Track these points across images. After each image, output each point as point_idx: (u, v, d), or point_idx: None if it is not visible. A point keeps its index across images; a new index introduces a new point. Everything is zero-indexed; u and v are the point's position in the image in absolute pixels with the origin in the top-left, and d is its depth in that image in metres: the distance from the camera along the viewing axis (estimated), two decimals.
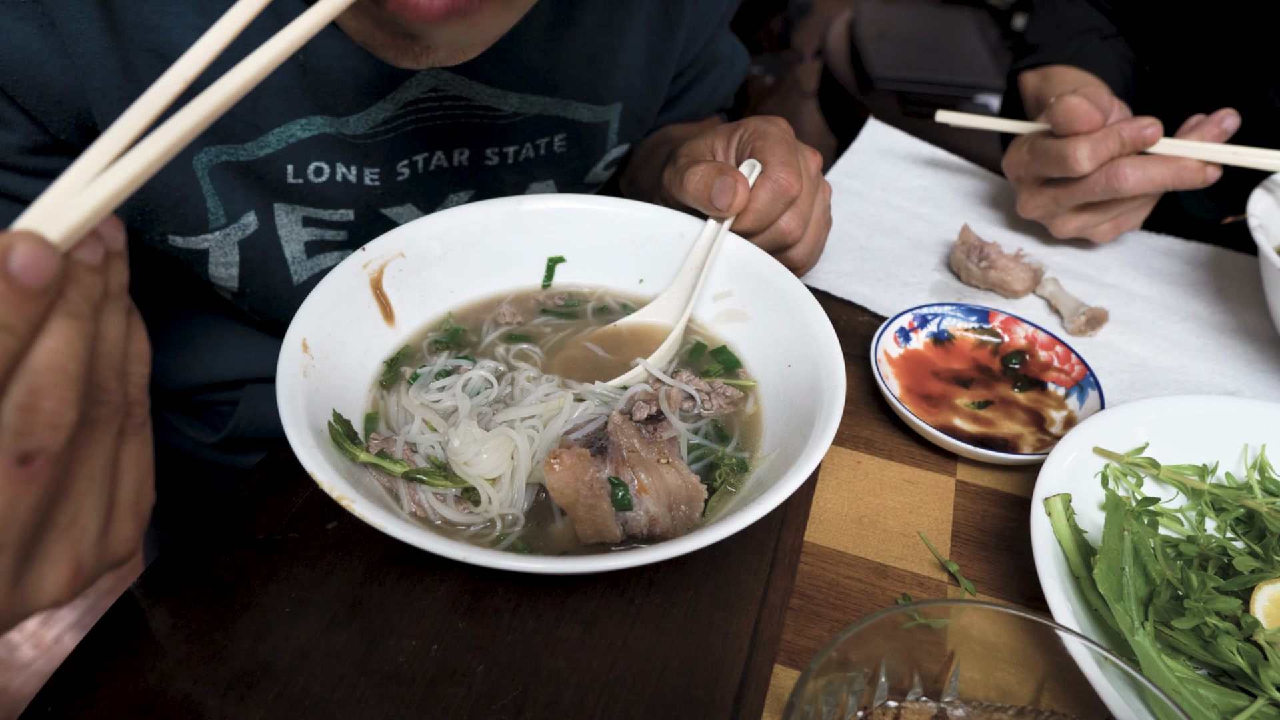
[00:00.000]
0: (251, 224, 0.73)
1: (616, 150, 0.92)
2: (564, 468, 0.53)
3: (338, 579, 0.56)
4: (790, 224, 0.72)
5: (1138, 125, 0.84)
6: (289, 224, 0.75)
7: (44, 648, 1.83)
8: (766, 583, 0.58)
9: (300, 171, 0.72)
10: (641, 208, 0.75)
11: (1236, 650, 0.51)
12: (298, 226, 0.76)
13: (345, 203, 0.76)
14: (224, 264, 0.75)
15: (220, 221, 0.71)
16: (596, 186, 0.97)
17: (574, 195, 0.76)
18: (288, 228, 0.75)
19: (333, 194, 0.75)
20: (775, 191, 0.70)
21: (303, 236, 0.77)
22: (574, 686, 0.51)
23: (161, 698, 0.49)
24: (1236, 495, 0.62)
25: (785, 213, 0.72)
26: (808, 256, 0.76)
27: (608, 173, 0.95)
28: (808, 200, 0.73)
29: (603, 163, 0.92)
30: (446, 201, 0.82)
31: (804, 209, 0.73)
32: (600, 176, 0.95)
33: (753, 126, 0.75)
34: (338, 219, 0.77)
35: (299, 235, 0.77)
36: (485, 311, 0.73)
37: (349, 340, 0.64)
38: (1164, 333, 0.86)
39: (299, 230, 0.76)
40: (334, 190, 0.74)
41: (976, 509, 0.65)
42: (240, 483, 0.62)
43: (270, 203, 0.73)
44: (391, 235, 0.68)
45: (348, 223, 0.78)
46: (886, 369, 0.74)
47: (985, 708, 0.45)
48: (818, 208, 0.75)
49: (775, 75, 3.66)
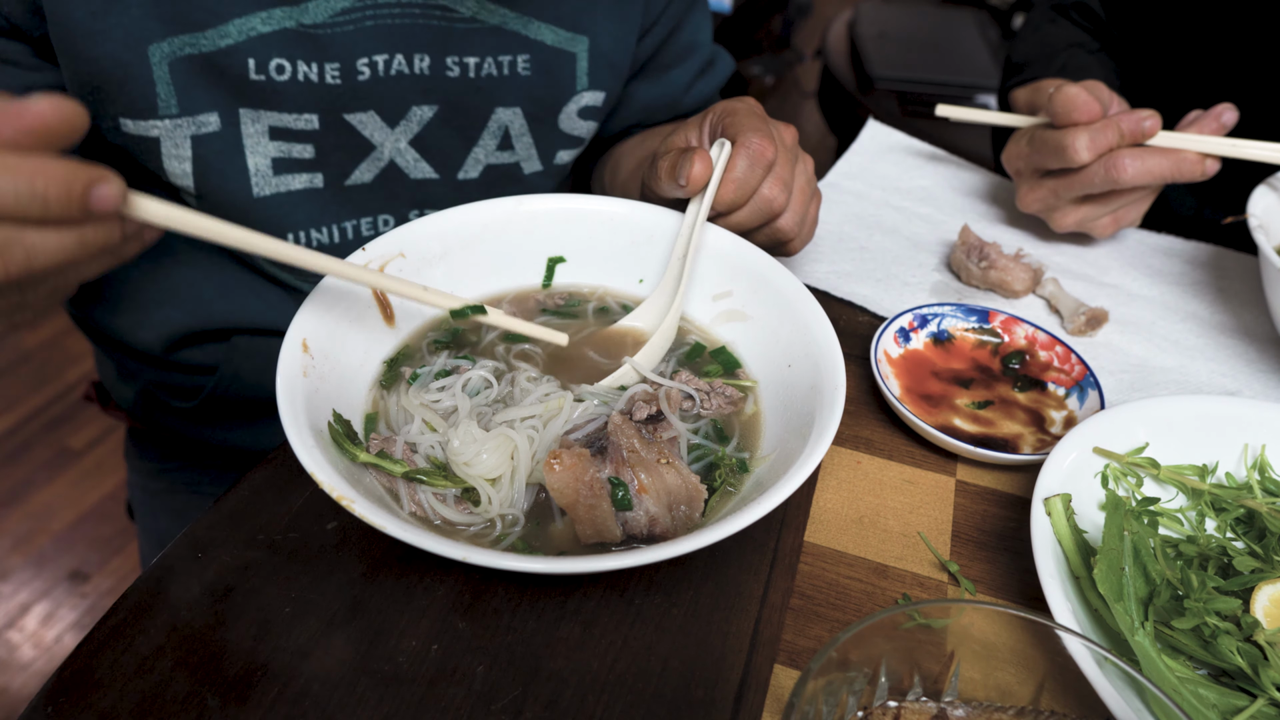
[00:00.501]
0: (212, 124, 0.75)
1: (590, 96, 0.91)
2: (564, 468, 0.53)
3: (338, 579, 0.56)
4: (772, 190, 0.70)
5: (1136, 117, 0.84)
6: (255, 134, 0.77)
7: (44, 648, 1.83)
8: (766, 583, 0.58)
9: (262, 67, 0.73)
10: (641, 208, 0.75)
11: (1236, 650, 0.51)
12: (264, 139, 0.77)
13: (308, 106, 0.77)
14: (177, 157, 0.76)
15: (171, 110, 0.73)
16: (576, 147, 0.95)
17: (574, 195, 0.76)
18: (254, 138, 0.77)
19: (295, 95, 0.76)
20: (751, 157, 0.69)
21: (269, 151, 0.78)
22: (574, 686, 0.51)
23: (161, 698, 0.49)
24: (1236, 495, 0.62)
25: (766, 179, 0.70)
26: (798, 225, 0.74)
27: (585, 126, 0.94)
28: (786, 165, 0.71)
29: (575, 105, 0.91)
30: (410, 115, 0.82)
31: (784, 174, 0.71)
32: (577, 129, 0.93)
33: (720, 108, 0.74)
34: (302, 126, 0.78)
35: (265, 149, 0.78)
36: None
37: (349, 340, 0.64)
38: (1164, 333, 0.86)
39: (265, 143, 0.78)
40: (296, 91, 0.76)
41: (976, 509, 0.65)
42: (240, 483, 0.62)
43: (235, 106, 0.75)
44: (391, 235, 0.68)
45: (313, 132, 0.79)
46: (886, 369, 0.74)
47: (985, 708, 0.45)
48: (800, 177, 0.73)
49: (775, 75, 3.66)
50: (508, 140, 0.90)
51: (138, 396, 1.02)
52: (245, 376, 0.93)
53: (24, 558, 1.99)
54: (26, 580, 1.95)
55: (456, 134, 0.86)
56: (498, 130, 0.88)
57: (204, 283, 0.89)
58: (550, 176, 0.96)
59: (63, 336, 2.55)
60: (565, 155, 0.95)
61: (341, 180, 0.83)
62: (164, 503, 1.06)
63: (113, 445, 2.27)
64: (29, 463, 2.20)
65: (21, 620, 1.88)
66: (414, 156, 0.86)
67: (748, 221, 0.72)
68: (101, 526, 2.07)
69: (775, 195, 0.70)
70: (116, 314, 0.92)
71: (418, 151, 0.85)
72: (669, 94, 1.03)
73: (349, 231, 0.87)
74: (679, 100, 1.04)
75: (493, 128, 0.88)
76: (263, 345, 0.92)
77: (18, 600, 1.91)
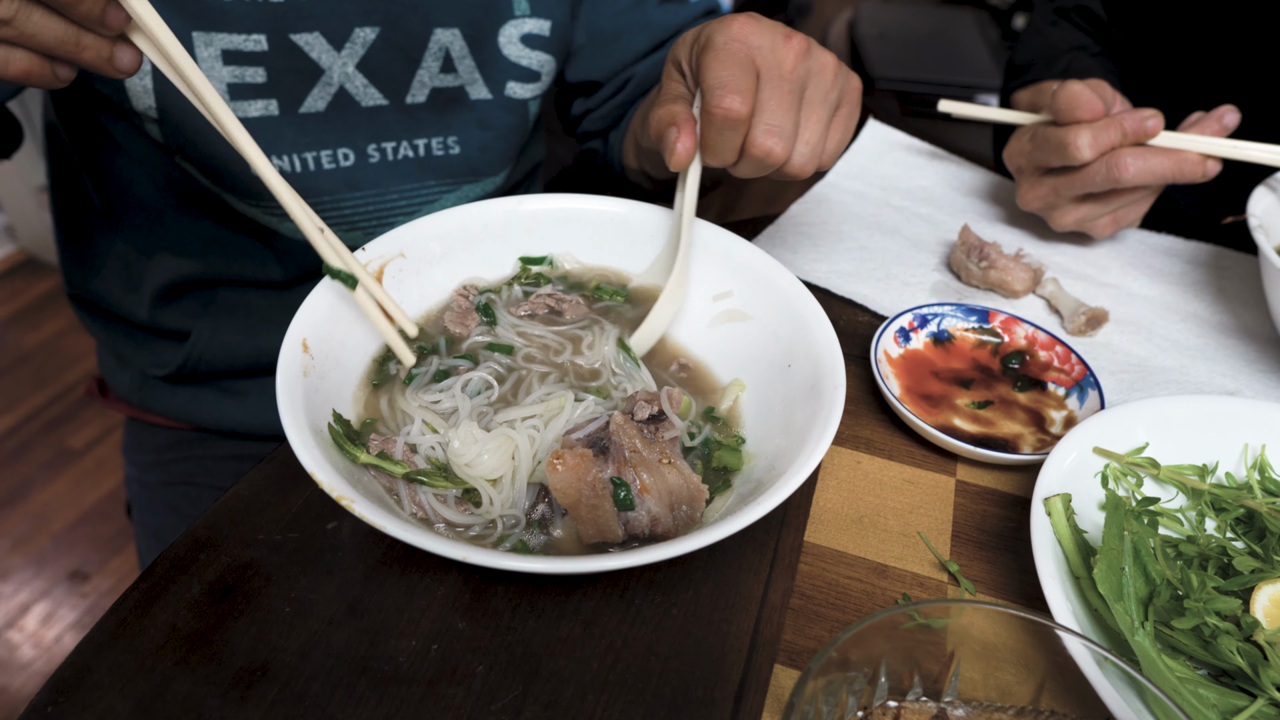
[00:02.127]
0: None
1: (534, 24, 0.91)
2: (567, 468, 0.53)
3: (338, 579, 0.56)
4: (764, 144, 0.61)
5: (1139, 116, 0.84)
6: (209, 58, 0.79)
7: (44, 648, 1.83)
8: (766, 583, 0.58)
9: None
10: (641, 207, 0.75)
11: (1236, 650, 0.51)
12: (218, 63, 0.79)
13: (256, 26, 0.79)
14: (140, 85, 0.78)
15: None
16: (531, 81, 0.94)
17: (574, 195, 0.76)
18: (208, 62, 0.79)
19: (242, 14, 0.78)
20: (716, 124, 0.60)
21: (224, 76, 0.80)
22: (574, 686, 0.51)
23: (161, 698, 0.49)
24: (1236, 495, 0.62)
25: (753, 132, 0.61)
26: (813, 161, 0.64)
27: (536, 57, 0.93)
28: (779, 110, 0.61)
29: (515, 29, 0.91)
30: (354, 37, 0.84)
31: (776, 119, 0.61)
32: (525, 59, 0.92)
33: (703, 38, 0.64)
34: (252, 48, 0.80)
35: (220, 73, 0.80)
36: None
37: (349, 340, 0.64)
38: (1164, 333, 0.86)
39: (219, 68, 0.79)
40: (242, 10, 0.78)
41: (976, 509, 0.65)
42: (240, 483, 0.62)
43: (189, 30, 0.77)
44: (391, 235, 0.68)
45: (263, 54, 0.80)
46: (886, 369, 0.74)
47: (985, 708, 0.45)
48: (810, 105, 0.63)
49: None
50: (450, 63, 0.90)
51: (133, 382, 1.06)
52: (222, 335, 0.98)
53: (24, 558, 1.99)
54: (26, 580, 1.95)
55: (399, 55, 0.87)
56: (439, 52, 0.89)
57: (187, 238, 0.95)
58: (508, 110, 0.95)
59: (63, 336, 2.55)
60: (520, 89, 0.94)
61: (295, 108, 0.85)
62: (161, 496, 1.07)
63: (112, 445, 2.27)
64: (29, 463, 2.20)
65: (21, 620, 1.88)
66: (362, 82, 0.87)
67: (752, 173, 0.64)
68: (101, 526, 2.07)
69: (769, 148, 0.61)
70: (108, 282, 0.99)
71: (365, 77, 0.87)
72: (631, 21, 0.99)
73: (310, 163, 0.88)
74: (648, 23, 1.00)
75: (434, 49, 0.88)
76: (242, 298, 0.98)
77: (18, 600, 1.91)
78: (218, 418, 1.05)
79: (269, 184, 0.58)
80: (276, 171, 0.58)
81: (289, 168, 0.87)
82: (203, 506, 0.69)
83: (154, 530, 1.07)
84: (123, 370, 1.07)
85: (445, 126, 0.93)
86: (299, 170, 0.87)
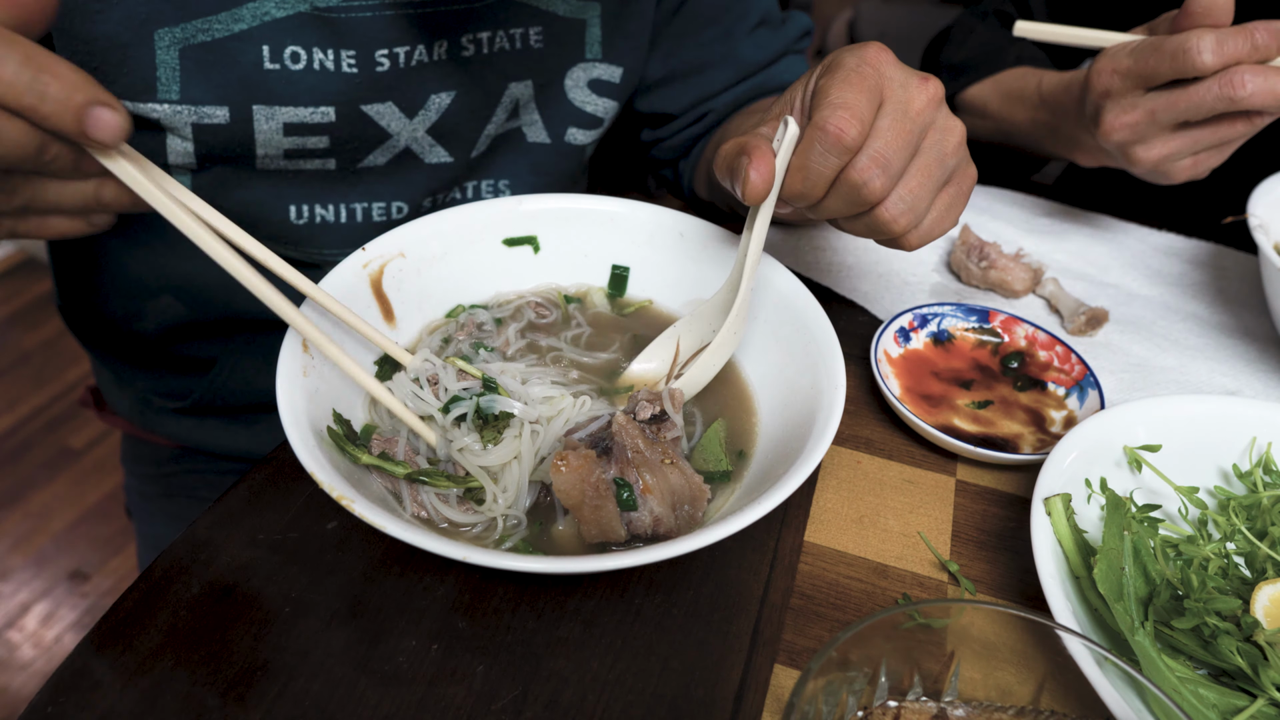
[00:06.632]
0: (219, 116, 0.72)
1: (604, 69, 0.88)
2: (571, 469, 0.53)
3: (338, 579, 0.56)
4: (863, 174, 0.55)
5: (1275, 27, 0.70)
6: (269, 130, 0.74)
7: (44, 648, 1.83)
8: (766, 583, 0.58)
9: (276, 55, 0.70)
10: (641, 207, 0.75)
11: (1236, 650, 0.51)
12: (278, 134, 0.74)
13: (324, 98, 0.74)
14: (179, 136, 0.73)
15: (171, 95, 0.69)
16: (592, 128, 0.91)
17: (574, 195, 0.76)
18: (267, 133, 0.74)
19: (311, 86, 0.73)
20: (825, 140, 0.54)
21: (282, 145, 0.76)
22: (574, 686, 0.51)
23: (161, 698, 0.49)
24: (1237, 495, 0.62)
25: (856, 160, 0.55)
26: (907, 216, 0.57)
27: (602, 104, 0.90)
28: (893, 143, 0.55)
29: (584, 74, 0.87)
30: (429, 104, 0.80)
31: (884, 152, 0.55)
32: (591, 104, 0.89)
33: (829, 60, 0.58)
34: (318, 120, 0.75)
35: (278, 142, 0.75)
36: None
37: (349, 340, 0.64)
38: (1164, 333, 0.86)
39: (279, 138, 0.75)
40: (312, 80, 0.73)
41: (976, 509, 0.65)
42: (240, 483, 0.62)
43: (249, 102, 0.72)
44: (391, 235, 0.68)
45: (329, 124, 0.76)
46: (886, 369, 0.74)
47: (985, 708, 0.45)
48: (925, 156, 0.57)
49: None
50: (516, 112, 0.87)
51: (134, 404, 1.02)
52: (243, 370, 0.92)
53: (24, 558, 1.99)
54: (26, 580, 1.95)
55: (471, 116, 0.84)
56: (510, 104, 0.86)
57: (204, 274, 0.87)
58: (564, 156, 0.92)
59: (63, 336, 2.55)
60: (579, 134, 0.91)
61: (353, 165, 0.81)
62: (161, 508, 1.05)
63: (112, 445, 2.27)
64: (29, 463, 2.20)
65: (21, 620, 1.88)
66: (429, 143, 0.83)
67: (836, 210, 0.59)
68: (101, 526, 2.07)
69: (867, 179, 0.55)
70: (114, 303, 0.92)
71: (433, 138, 0.83)
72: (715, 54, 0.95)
73: (358, 214, 0.84)
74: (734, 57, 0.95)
75: (506, 102, 0.85)
76: (261, 339, 0.91)
77: (18, 600, 1.91)
78: (226, 444, 1.01)
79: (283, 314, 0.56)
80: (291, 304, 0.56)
81: (333, 217, 0.83)
82: None
83: (153, 541, 1.05)
84: (122, 390, 1.03)
85: (499, 170, 0.90)
86: (344, 220, 0.84)
